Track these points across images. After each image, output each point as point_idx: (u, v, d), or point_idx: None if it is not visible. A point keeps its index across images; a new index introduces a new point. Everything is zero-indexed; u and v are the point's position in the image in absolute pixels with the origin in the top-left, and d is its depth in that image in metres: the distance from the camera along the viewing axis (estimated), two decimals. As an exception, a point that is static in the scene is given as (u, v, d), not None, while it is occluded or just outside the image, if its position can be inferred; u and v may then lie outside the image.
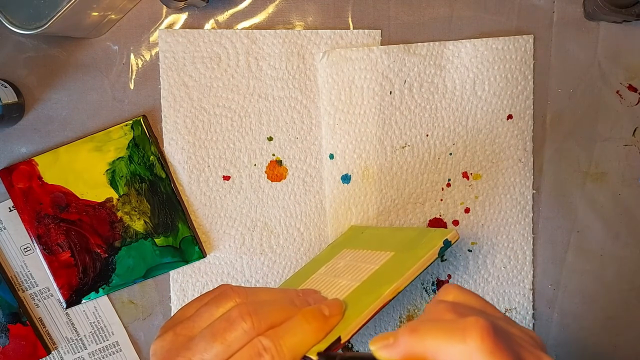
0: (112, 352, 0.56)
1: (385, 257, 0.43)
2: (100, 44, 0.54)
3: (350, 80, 0.53)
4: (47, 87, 0.54)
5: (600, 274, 0.56)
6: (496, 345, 0.27)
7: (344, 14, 0.54)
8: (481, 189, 0.55)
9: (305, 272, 0.50)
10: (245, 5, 0.54)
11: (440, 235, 0.41)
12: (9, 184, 0.53)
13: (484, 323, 0.27)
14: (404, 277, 0.38)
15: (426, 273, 0.55)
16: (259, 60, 0.54)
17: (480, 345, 0.26)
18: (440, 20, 0.54)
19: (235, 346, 0.34)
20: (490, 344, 0.26)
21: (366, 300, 0.38)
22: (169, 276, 0.55)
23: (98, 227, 0.54)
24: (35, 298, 0.55)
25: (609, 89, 0.54)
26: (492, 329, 0.27)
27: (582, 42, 0.54)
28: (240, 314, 0.35)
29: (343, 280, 0.43)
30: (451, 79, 0.54)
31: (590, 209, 0.55)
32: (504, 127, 0.55)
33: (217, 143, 0.54)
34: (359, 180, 0.54)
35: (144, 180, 0.54)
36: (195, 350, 0.34)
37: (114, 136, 0.53)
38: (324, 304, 0.37)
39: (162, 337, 0.36)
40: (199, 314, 0.37)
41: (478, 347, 0.26)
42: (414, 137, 0.54)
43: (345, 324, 0.36)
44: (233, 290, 0.37)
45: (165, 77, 0.53)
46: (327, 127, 0.54)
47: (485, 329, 0.27)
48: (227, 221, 0.55)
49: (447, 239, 0.41)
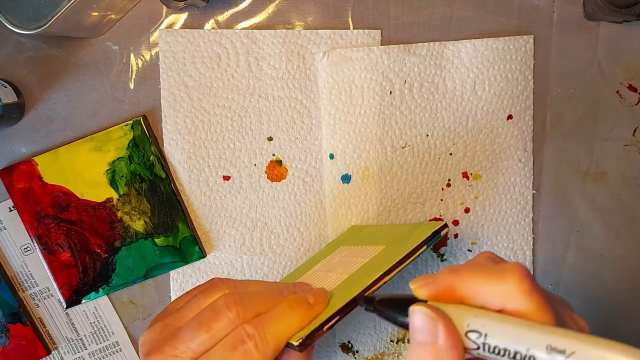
0: (112, 352, 0.56)
1: (376, 250, 0.43)
2: (100, 44, 0.54)
3: (350, 80, 0.53)
4: (47, 87, 0.54)
5: (600, 274, 0.56)
6: (533, 287, 0.28)
7: (344, 14, 0.54)
8: (481, 189, 0.55)
9: (302, 270, 0.50)
10: (245, 5, 0.54)
11: (429, 228, 0.41)
12: (9, 184, 0.53)
13: (523, 268, 0.28)
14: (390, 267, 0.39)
15: (426, 273, 0.55)
16: (259, 60, 0.54)
17: (520, 285, 0.27)
18: (440, 20, 0.54)
19: (221, 334, 0.35)
20: (529, 285, 0.28)
21: (352, 289, 0.38)
22: (169, 276, 0.55)
23: (98, 227, 0.54)
24: (35, 298, 0.55)
25: (609, 89, 0.54)
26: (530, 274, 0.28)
27: (582, 42, 0.54)
28: (226, 304, 0.35)
29: (334, 274, 0.43)
30: (451, 79, 0.54)
31: (590, 209, 0.55)
32: (504, 127, 0.55)
33: (217, 143, 0.54)
34: (359, 180, 0.54)
35: (144, 180, 0.54)
36: (182, 340, 0.35)
37: (114, 136, 0.53)
38: (309, 292, 0.38)
39: (151, 328, 0.37)
40: (188, 305, 0.38)
41: (517, 287, 0.27)
42: (414, 137, 0.54)
43: (330, 311, 0.36)
44: (222, 282, 0.38)
45: (165, 77, 0.54)
46: (327, 127, 0.54)
47: (525, 272, 0.28)
48: (227, 221, 0.55)
49: (436, 229, 0.41)
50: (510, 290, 0.28)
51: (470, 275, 0.29)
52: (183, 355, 0.35)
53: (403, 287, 0.55)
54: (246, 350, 0.34)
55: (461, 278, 0.29)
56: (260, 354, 0.34)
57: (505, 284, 0.28)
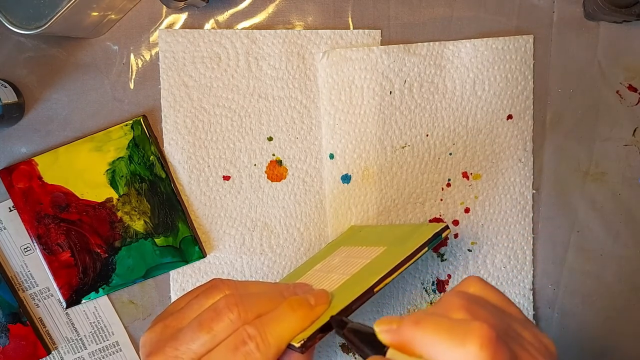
0: (112, 352, 0.56)
1: (377, 251, 0.43)
2: (100, 44, 0.54)
3: (350, 80, 0.53)
4: (47, 87, 0.54)
5: (600, 274, 0.56)
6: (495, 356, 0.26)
7: (344, 14, 0.54)
8: (481, 189, 0.55)
9: (302, 270, 0.50)
10: (245, 5, 0.54)
11: (431, 229, 0.41)
12: (9, 184, 0.53)
13: (487, 331, 0.26)
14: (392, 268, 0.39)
15: (426, 273, 0.55)
16: (259, 60, 0.54)
17: (479, 353, 0.26)
18: (440, 20, 0.54)
19: (222, 335, 0.35)
20: (490, 354, 0.26)
21: (353, 290, 0.38)
22: (169, 276, 0.55)
23: (98, 227, 0.54)
24: (35, 298, 0.55)
25: (609, 89, 0.54)
26: (494, 338, 0.26)
27: (582, 42, 0.54)
28: (227, 305, 0.35)
29: (335, 274, 0.43)
30: (451, 79, 0.54)
31: (590, 209, 0.55)
32: (504, 127, 0.55)
33: (217, 143, 0.54)
34: (359, 180, 0.54)
35: (144, 180, 0.54)
36: (183, 341, 0.35)
37: (114, 136, 0.53)
38: (310, 293, 0.38)
39: (152, 329, 0.37)
40: (189, 306, 0.38)
41: (476, 354, 0.26)
42: (414, 137, 0.54)
43: (331, 313, 0.36)
44: (223, 283, 0.38)
45: (165, 77, 0.53)
46: (327, 127, 0.54)
47: (487, 337, 0.26)
48: (227, 221, 0.55)
49: (438, 231, 0.41)
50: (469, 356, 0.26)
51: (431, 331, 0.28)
52: (184, 356, 0.35)
53: (403, 287, 0.55)
54: (248, 351, 0.34)
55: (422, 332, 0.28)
56: (262, 355, 0.34)
57: (463, 348, 0.26)
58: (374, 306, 0.55)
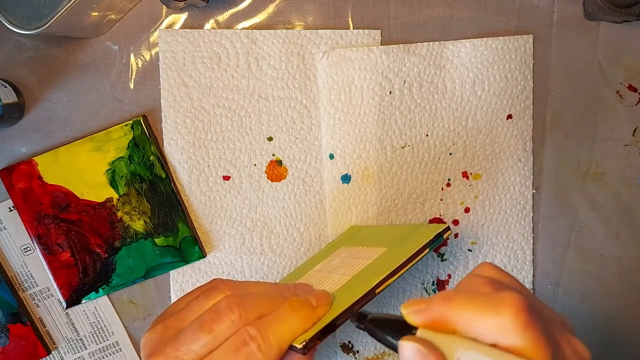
0: (112, 352, 0.56)
1: (378, 252, 0.43)
2: (100, 44, 0.54)
3: (350, 80, 0.53)
4: (47, 87, 0.54)
5: (600, 274, 0.56)
6: (530, 321, 0.27)
7: (344, 14, 0.54)
8: (481, 189, 0.55)
9: (302, 270, 0.50)
10: (245, 5, 0.54)
11: (432, 230, 0.41)
12: (9, 184, 0.53)
13: (520, 299, 0.27)
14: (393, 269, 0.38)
15: (426, 273, 0.55)
16: (259, 60, 0.54)
17: (515, 319, 0.27)
18: (440, 20, 0.54)
19: (223, 336, 0.35)
20: (524, 320, 0.27)
21: (355, 292, 0.38)
22: (169, 276, 0.55)
23: (98, 227, 0.54)
24: (35, 298, 0.55)
25: (609, 89, 0.54)
26: (527, 306, 0.27)
27: (582, 42, 0.54)
28: (228, 305, 0.35)
29: (336, 275, 0.43)
30: (451, 79, 0.54)
31: (590, 209, 0.55)
32: (504, 127, 0.55)
33: (217, 143, 0.54)
34: (359, 180, 0.54)
35: (144, 180, 0.54)
36: (183, 341, 0.35)
37: (114, 136, 0.53)
38: (312, 294, 0.38)
39: (153, 330, 0.37)
40: (190, 306, 0.38)
41: (512, 321, 0.27)
42: (414, 137, 0.54)
43: (332, 314, 0.36)
44: (223, 283, 0.38)
45: (165, 77, 0.54)
46: (327, 127, 0.54)
47: (521, 304, 0.27)
48: (227, 221, 0.55)
49: (439, 232, 0.41)
50: (505, 324, 0.27)
51: (464, 305, 0.28)
52: (185, 357, 0.34)
53: (403, 287, 0.55)
54: (249, 352, 0.34)
55: (454, 307, 0.28)
56: (264, 355, 0.34)
57: (499, 317, 0.27)
58: (374, 306, 0.55)
